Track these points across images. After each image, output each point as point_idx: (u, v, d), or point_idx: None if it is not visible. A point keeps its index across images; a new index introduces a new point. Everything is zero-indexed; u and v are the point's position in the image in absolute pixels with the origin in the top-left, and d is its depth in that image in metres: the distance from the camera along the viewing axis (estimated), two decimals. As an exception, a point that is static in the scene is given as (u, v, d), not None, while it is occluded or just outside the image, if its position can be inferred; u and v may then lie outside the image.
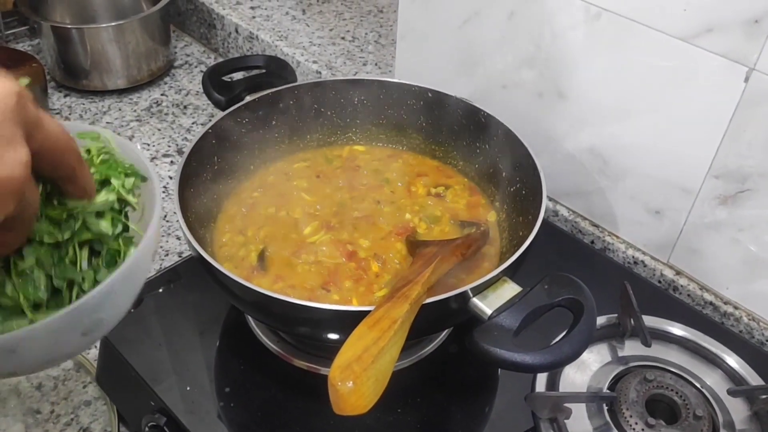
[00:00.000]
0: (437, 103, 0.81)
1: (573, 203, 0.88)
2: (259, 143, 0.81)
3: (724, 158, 0.71)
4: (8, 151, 0.34)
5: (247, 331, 0.71)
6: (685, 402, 0.63)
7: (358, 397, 0.45)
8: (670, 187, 0.77)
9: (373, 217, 0.75)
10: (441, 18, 0.89)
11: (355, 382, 0.44)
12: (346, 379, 0.44)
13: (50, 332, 0.39)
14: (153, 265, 0.47)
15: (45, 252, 0.41)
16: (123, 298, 0.45)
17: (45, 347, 0.41)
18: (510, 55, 0.84)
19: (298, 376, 0.67)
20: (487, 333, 0.54)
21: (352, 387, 0.44)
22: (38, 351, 0.41)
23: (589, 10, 0.74)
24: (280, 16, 1.24)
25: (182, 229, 0.62)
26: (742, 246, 0.74)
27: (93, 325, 0.43)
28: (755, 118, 0.67)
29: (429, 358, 0.69)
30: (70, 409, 0.72)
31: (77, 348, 0.47)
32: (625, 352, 0.70)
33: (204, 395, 0.66)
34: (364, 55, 1.15)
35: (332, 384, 0.45)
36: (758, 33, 0.63)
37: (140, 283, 0.47)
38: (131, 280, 0.45)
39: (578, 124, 0.82)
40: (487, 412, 0.67)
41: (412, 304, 0.52)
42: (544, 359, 0.52)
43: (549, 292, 0.56)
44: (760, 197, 0.70)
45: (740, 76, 0.66)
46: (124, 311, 0.46)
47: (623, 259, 0.84)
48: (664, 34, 0.69)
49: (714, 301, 0.78)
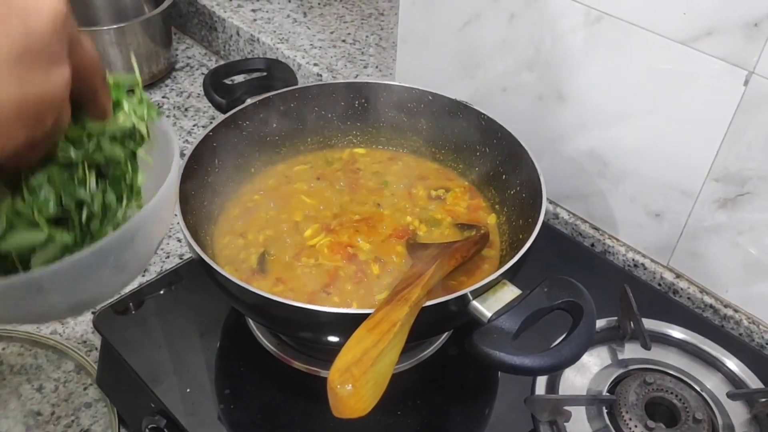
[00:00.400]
0: (438, 105, 0.81)
1: (573, 206, 0.88)
2: (260, 146, 0.81)
3: (723, 161, 0.71)
4: (55, 69, 0.34)
5: (247, 333, 0.71)
6: (684, 405, 0.63)
7: (357, 401, 0.45)
8: (670, 190, 0.77)
9: (373, 220, 0.75)
10: (441, 21, 0.89)
11: (354, 386, 0.44)
12: (345, 382, 0.44)
13: (78, 267, 0.39)
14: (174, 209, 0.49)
15: (57, 170, 0.41)
16: (151, 234, 0.45)
17: (74, 285, 0.40)
18: (510, 58, 0.84)
19: (298, 378, 0.68)
20: (487, 336, 0.54)
21: (351, 390, 0.44)
22: (67, 289, 0.40)
23: (589, 13, 0.74)
24: (281, 18, 1.24)
25: (183, 231, 0.62)
26: (742, 249, 0.74)
27: (122, 261, 0.42)
28: (755, 122, 0.67)
29: (429, 361, 0.69)
30: (71, 411, 0.72)
31: (108, 287, 0.45)
32: (625, 355, 0.70)
33: (204, 397, 0.66)
34: (365, 58, 1.15)
35: (331, 387, 0.45)
36: (758, 36, 0.63)
37: (167, 222, 0.47)
38: (158, 217, 0.45)
39: (578, 127, 0.82)
40: (487, 414, 0.67)
41: (412, 307, 0.52)
42: (544, 362, 0.52)
43: (548, 295, 0.56)
44: (760, 200, 0.70)
45: (740, 79, 0.66)
46: (151, 251, 0.47)
47: (623, 262, 0.84)
48: (664, 38, 0.70)
49: (714, 304, 0.78)
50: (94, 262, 0.40)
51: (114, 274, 0.43)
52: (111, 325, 0.71)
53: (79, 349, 0.77)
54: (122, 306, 0.74)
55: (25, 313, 0.43)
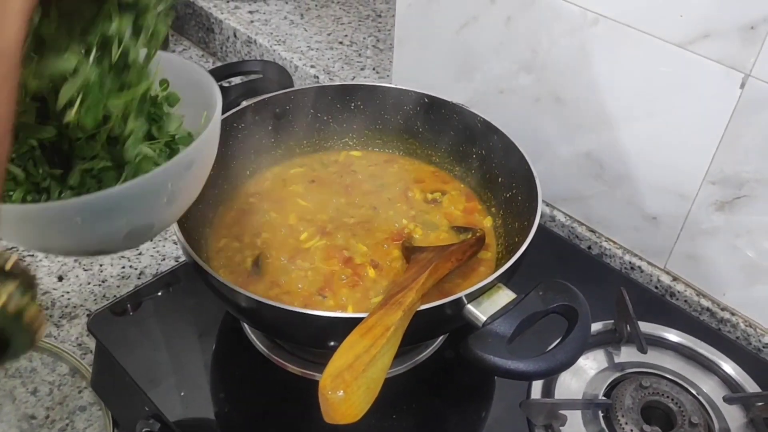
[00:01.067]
0: (434, 108, 0.81)
1: (570, 208, 0.88)
2: (256, 148, 0.80)
3: (720, 164, 0.71)
4: None
5: (242, 337, 0.71)
6: (680, 409, 0.63)
7: (348, 406, 0.45)
8: (666, 193, 0.77)
9: (369, 223, 0.75)
10: (438, 23, 0.89)
11: (346, 391, 0.44)
12: (337, 388, 0.44)
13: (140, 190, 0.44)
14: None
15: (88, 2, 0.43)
16: (202, 165, 0.50)
17: (134, 208, 0.45)
18: (507, 60, 0.84)
19: (292, 382, 0.67)
20: (482, 340, 0.54)
21: (342, 396, 0.44)
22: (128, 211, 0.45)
23: (586, 16, 0.74)
24: (278, 20, 1.24)
25: (177, 234, 0.62)
26: (739, 252, 0.74)
27: (177, 189, 0.48)
28: (751, 124, 0.67)
29: (425, 364, 0.69)
30: (65, 415, 0.72)
31: (161, 216, 0.49)
32: (621, 358, 0.70)
33: (198, 401, 0.65)
34: (362, 60, 1.15)
35: (323, 393, 0.44)
36: (754, 39, 0.63)
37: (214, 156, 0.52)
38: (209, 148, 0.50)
39: (575, 130, 0.82)
40: (483, 418, 0.67)
41: (406, 311, 0.52)
42: (538, 366, 0.52)
43: (544, 299, 0.56)
44: (757, 203, 0.70)
45: (736, 82, 0.66)
46: (200, 184, 0.52)
47: (620, 265, 0.84)
48: (661, 41, 0.69)
49: (711, 307, 0.78)
50: (153, 187, 0.45)
51: (167, 204, 0.48)
52: (105, 328, 0.71)
53: (74, 353, 0.76)
54: (120, 308, 0.73)
55: (89, 239, 0.47)
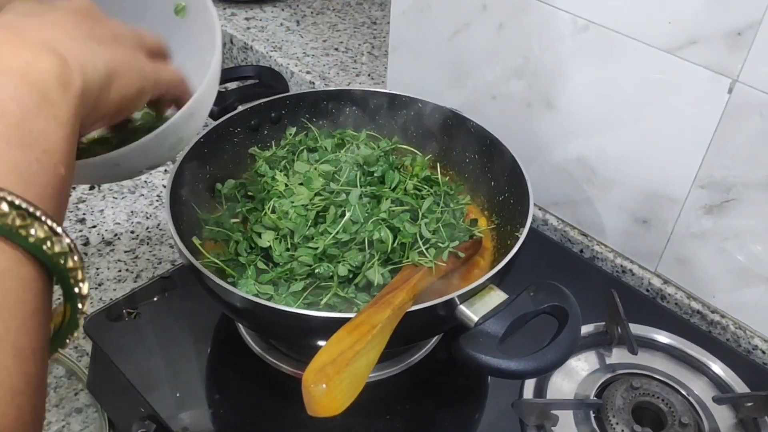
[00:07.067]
0: (427, 113, 0.82)
1: (562, 212, 0.89)
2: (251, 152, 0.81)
3: (709, 168, 0.72)
4: None
5: (237, 338, 0.72)
6: (671, 409, 0.64)
7: (330, 399, 0.45)
8: (656, 197, 0.78)
9: (363, 226, 0.75)
10: (432, 30, 0.90)
11: (328, 385, 0.45)
12: (319, 381, 0.45)
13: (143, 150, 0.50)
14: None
15: None
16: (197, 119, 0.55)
17: (142, 157, 0.53)
18: (499, 66, 0.85)
19: (287, 382, 0.68)
20: (473, 339, 0.54)
21: (325, 389, 0.45)
22: (135, 163, 0.53)
23: (576, 22, 0.75)
24: (274, 27, 1.25)
25: (173, 237, 0.63)
26: (728, 255, 0.75)
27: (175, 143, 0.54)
28: (739, 129, 0.68)
29: (418, 365, 0.70)
30: (62, 417, 0.72)
31: (164, 159, 0.56)
32: (612, 359, 0.71)
33: (194, 402, 0.66)
34: (357, 66, 1.16)
35: (305, 386, 0.45)
36: (741, 45, 0.64)
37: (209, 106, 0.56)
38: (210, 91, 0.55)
39: (566, 135, 0.83)
40: (477, 418, 0.68)
41: (395, 310, 0.52)
42: (528, 366, 0.53)
43: (535, 300, 0.57)
44: (745, 207, 0.71)
45: (724, 87, 0.67)
46: (201, 123, 0.57)
47: (611, 268, 0.85)
48: (650, 46, 0.71)
49: (701, 310, 0.79)
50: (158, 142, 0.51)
51: (174, 145, 0.54)
52: (101, 331, 0.72)
53: (70, 355, 0.77)
54: (116, 311, 0.74)
55: (111, 176, 0.59)
